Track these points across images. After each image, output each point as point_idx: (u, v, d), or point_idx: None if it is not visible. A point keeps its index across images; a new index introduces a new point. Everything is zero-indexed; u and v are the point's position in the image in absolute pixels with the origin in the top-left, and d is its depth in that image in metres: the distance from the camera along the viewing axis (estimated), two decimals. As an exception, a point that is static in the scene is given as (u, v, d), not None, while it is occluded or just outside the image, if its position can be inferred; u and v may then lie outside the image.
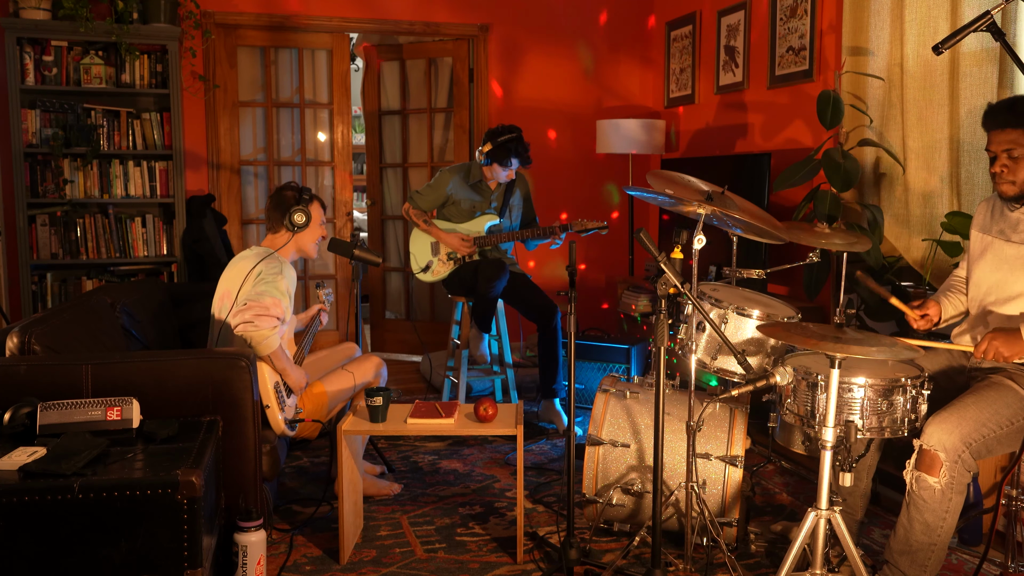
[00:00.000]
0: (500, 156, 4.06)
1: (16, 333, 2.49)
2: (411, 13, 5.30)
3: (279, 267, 2.91)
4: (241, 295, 2.89)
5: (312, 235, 3.11)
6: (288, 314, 2.94)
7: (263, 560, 2.40)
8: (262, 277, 2.87)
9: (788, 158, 4.26)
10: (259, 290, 2.83)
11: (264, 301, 2.79)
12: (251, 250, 3.06)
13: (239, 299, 2.89)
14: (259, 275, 2.88)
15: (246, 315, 2.75)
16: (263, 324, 2.76)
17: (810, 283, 3.66)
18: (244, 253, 3.05)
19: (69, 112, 4.61)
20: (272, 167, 5.37)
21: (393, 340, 5.91)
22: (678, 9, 5.37)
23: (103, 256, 4.77)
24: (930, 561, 2.32)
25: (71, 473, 1.95)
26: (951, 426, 2.26)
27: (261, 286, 2.84)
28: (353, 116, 6.22)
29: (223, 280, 3.02)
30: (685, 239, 2.59)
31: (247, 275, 2.90)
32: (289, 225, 3.03)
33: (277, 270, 2.89)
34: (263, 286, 2.84)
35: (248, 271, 2.91)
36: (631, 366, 4.30)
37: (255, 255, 2.99)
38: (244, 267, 2.94)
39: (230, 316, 2.86)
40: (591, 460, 2.81)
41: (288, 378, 2.91)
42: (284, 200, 3.05)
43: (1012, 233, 2.48)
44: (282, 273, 2.89)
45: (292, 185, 3.13)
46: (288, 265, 2.97)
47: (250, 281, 2.89)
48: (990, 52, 3.18)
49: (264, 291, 2.82)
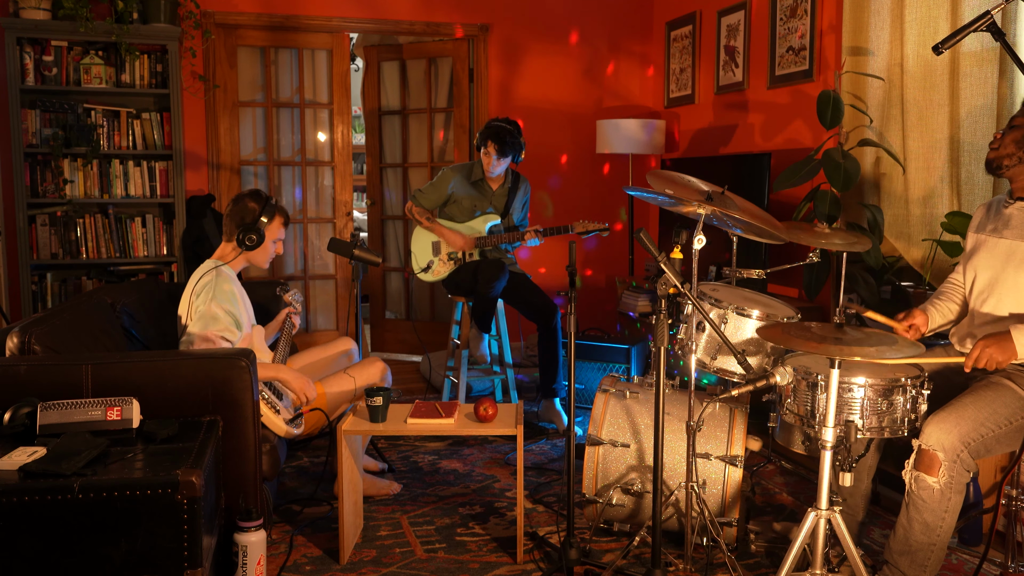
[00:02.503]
0: (481, 138, 4.10)
1: (16, 333, 2.49)
2: (411, 13, 5.30)
3: (212, 287, 2.88)
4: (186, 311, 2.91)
5: (265, 251, 3.05)
6: (241, 325, 2.91)
7: (263, 560, 2.40)
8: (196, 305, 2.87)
9: (788, 158, 4.26)
10: (198, 327, 2.83)
11: (207, 333, 2.81)
12: (205, 263, 3.03)
13: (183, 319, 2.92)
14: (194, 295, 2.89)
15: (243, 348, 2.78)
16: (219, 344, 2.81)
17: (810, 283, 3.66)
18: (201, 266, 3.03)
19: (69, 112, 4.61)
20: (272, 167, 5.38)
21: (393, 340, 5.92)
22: (678, 9, 5.37)
23: (103, 256, 4.77)
24: (930, 561, 2.32)
25: (71, 473, 1.95)
26: (949, 426, 2.26)
27: (196, 317, 2.85)
28: (353, 116, 6.22)
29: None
30: (685, 239, 2.59)
31: (189, 292, 2.93)
32: (240, 244, 3.00)
33: (209, 292, 2.87)
34: (197, 317, 2.85)
35: (191, 288, 2.93)
36: (631, 366, 4.30)
37: (200, 271, 2.98)
38: (190, 282, 2.96)
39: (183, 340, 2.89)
40: (591, 460, 2.81)
41: (291, 387, 2.90)
42: (242, 212, 3.01)
43: (1004, 229, 2.49)
44: (214, 295, 2.86)
45: (257, 195, 3.05)
46: (225, 277, 2.92)
47: (185, 300, 2.92)
48: (990, 52, 3.18)
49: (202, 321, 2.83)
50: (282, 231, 3.09)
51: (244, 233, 2.98)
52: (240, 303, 2.94)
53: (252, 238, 2.98)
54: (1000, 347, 2.31)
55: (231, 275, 2.97)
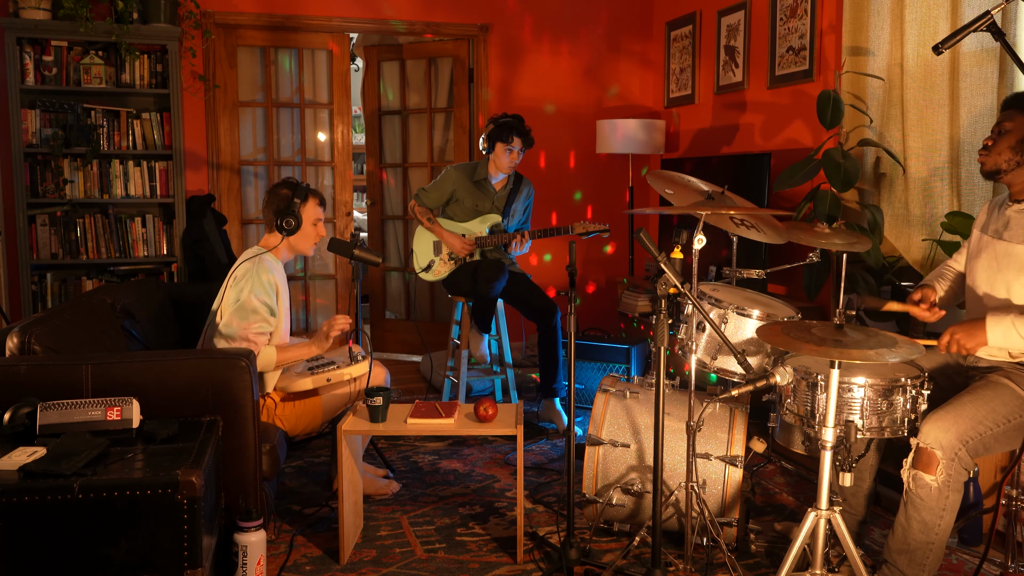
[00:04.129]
0: (501, 133, 4.11)
1: (16, 333, 2.49)
2: (411, 13, 5.30)
3: (252, 276, 2.91)
4: (225, 299, 2.94)
5: (306, 235, 3.09)
6: (279, 313, 2.97)
7: (263, 560, 2.40)
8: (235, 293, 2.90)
9: (788, 158, 4.26)
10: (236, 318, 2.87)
11: (247, 333, 2.87)
12: (248, 251, 3.07)
13: (222, 305, 2.94)
14: (234, 281, 2.92)
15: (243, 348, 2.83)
16: (260, 344, 2.89)
17: (810, 283, 3.66)
18: (244, 253, 3.07)
19: (69, 112, 4.61)
20: (272, 167, 5.37)
21: (393, 340, 5.92)
22: (678, 9, 5.37)
23: (103, 256, 4.77)
24: (928, 560, 2.32)
25: (71, 473, 1.95)
26: (947, 424, 2.26)
27: (233, 305, 2.89)
28: (353, 116, 6.21)
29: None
30: (685, 239, 2.59)
31: (228, 278, 2.96)
32: (280, 229, 3.04)
33: (250, 281, 2.90)
34: (236, 306, 2.88)
35: (232, 275, 2.96)
36: (631, 366, 4.30)
37: (242, 257, 3.02)
38: (232, 270, 2.99)
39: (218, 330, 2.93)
40: (591, 460, 2.80)
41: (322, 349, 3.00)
42: (276, 200, 3.05)
43: (1004, 231, 2.49)
44: (253, 285, 2.90)
45: (289, 182, 3.09)
46: (266, 267, 2.95)
47: (231, 286, 2.94)
48: (990, 52, 3.18)
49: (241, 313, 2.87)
50: (319, 212, 3.11)
51: (281, 218, 3.01)
52: (280, 294, 2.98)
53: (290, 222, 3.02)
54: (968, 333, 2.36)
55: (272, 264, 3.00)
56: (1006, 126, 2.45)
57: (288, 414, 2.97)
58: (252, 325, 2.88)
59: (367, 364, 3.00)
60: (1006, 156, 2.44)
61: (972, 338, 2.35)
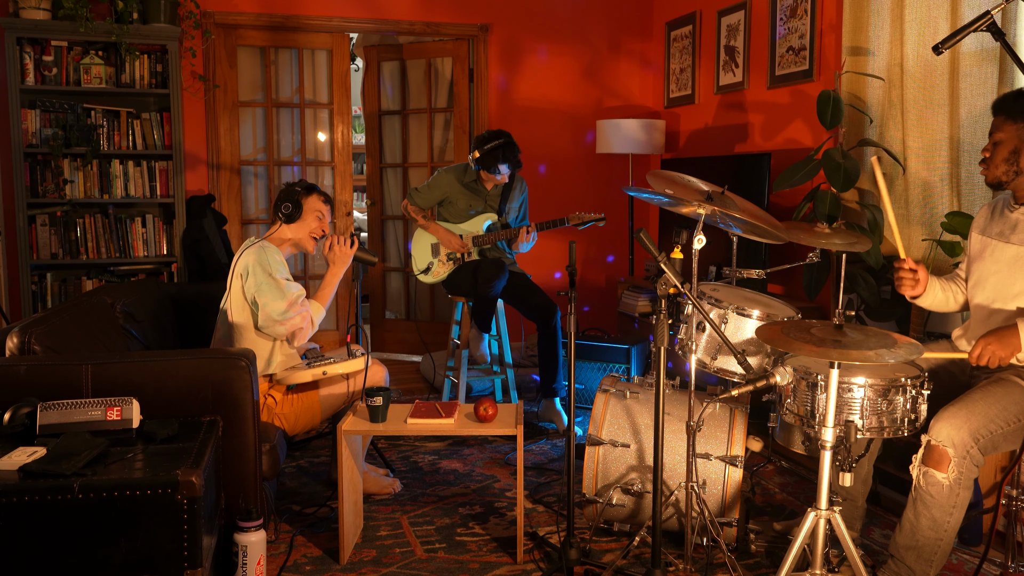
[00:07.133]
0: (488, 163, 4.05)
1: (16, 333, 2.49)
2: (411, 13, 5.30)
3: (264, 261, 2.94)
4: (233, 290, 2.98)
5: (306, 227, 3.12)
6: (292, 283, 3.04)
7: (263, 560, 2.40)
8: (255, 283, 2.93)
9: (788, 158, 4.26)
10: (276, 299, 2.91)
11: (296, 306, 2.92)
12: (249, 239, 3.11)
13: (231, 298, 2.98)
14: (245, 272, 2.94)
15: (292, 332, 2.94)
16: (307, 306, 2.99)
17: (810, 283, 3.66)
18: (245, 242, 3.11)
19: (69, 112, 4.61)
20: (272, 167, 5.37)
21: (393, 340, 5.91)
22: (678, 9, 5.36)
23: (103, 256, 4.77)
24: (936, 556, 2.33)
25: (71, 473, 1.95)
26: (960, 421, 2.26)
27: (265, 289, 2.91)
28: (353, 116, 6.22)
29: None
30: (685, 239, 2.59)
31: (232, 272, 3.00)
32: (279, 216, 3.09)
33: (266, 266, 2.94)
34: (266, 289, 2.91)
35: (232, 269, 3.00)
36: (631, 366, 4.30)
37: (242, 247, 3.05)
38: (234, 263, 3.02)
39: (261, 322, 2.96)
40: (591, 460, 2.80)
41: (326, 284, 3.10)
42: (282, 194, 3.11)
43: (1011, 234, 2.49)
44: (270, 266, 2.94)
45: (300, 182, 3.19)
46: (271, 250, 2.99)
47: (236, 279, 2.96)
48: (990, 52, 3.18)
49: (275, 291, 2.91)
50: (322, 206, 3.15)
51: (281, 203, 3.07)
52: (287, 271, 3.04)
53: (288, 206, 3.06)
54: (1002, 343, 2.31)
55: (275, 248, 3.03)
56: (997, 137, 2.45)
57: (287, 412, 2.97)
58: (291, 295, 2.94)
59: (363, 361, 3.00)
60: (1003, 168, 2.45)
61: (1006, 347, 2.30)
